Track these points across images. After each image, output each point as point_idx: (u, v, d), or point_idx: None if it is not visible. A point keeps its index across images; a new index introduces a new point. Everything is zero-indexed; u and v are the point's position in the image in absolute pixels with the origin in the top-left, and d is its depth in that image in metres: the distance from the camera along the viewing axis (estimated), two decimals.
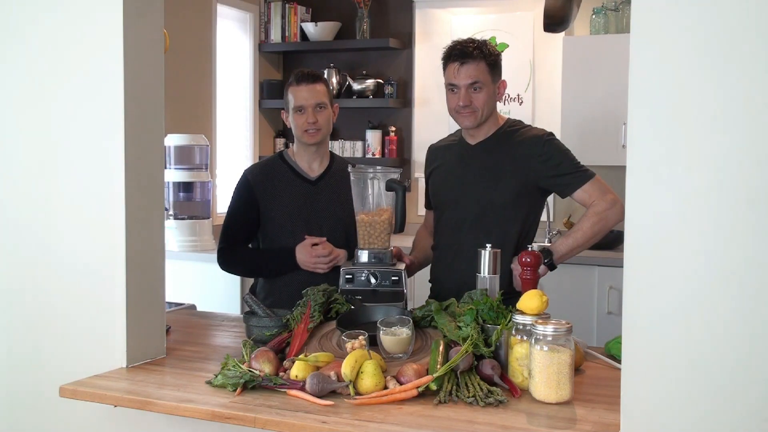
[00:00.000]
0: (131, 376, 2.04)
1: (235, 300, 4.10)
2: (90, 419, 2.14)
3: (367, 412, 1.74)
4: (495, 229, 2.49)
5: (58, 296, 2.21)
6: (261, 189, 2.76)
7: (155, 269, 2.21)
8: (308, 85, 2.72)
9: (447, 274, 2.63)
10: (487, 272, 2.21)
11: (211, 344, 2.42)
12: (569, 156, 2.54)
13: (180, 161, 4.33)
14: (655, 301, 1.54)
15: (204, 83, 4.80)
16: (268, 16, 5.27)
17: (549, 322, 1.83)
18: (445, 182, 2.67)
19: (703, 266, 1.50)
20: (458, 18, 5.02)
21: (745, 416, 1.47)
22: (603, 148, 4.32)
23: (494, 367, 1.89)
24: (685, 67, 1.50)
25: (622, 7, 4.52)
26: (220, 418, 1.76)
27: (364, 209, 2.51)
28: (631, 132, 1.55)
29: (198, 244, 4.30)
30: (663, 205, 1.52)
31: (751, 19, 1.45)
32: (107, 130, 2.11)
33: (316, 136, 2.73)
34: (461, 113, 2.54)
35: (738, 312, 1.47)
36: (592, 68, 4.40)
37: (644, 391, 1.55)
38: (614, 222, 2.46)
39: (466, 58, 2.50)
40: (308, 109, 2.71)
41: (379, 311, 2.21)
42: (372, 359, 1.87)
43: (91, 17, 2.12)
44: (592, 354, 2.19)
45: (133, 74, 2.10)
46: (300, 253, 2.66)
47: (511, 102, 4.90)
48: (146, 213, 2.16)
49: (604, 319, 4.13)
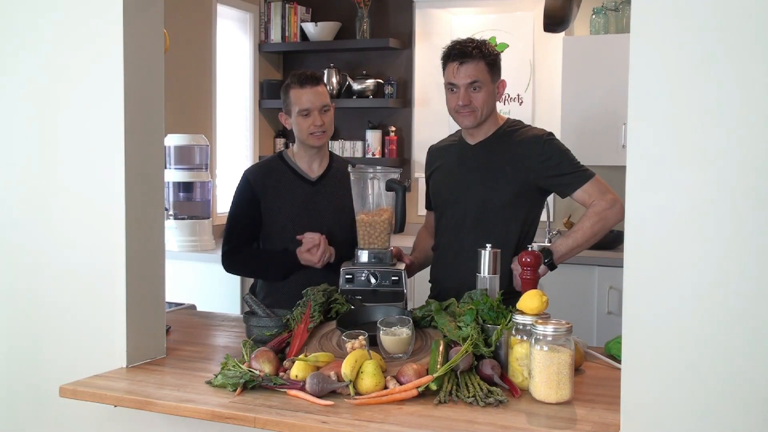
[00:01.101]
0: (131, 376, 2.04)
1: (235, 300, 4.10)
2: (90, 419, 2.14)
3: (367, 412, 1.74)
4: (495, 229, 2.49)
5: (58, 296, 2.21)
6: (261, 189, 2.75)
7: (155, 269, 2.21)
8: (312, 87, 2.71)
9: (447, 274, 2.63)
10: (487, 272, 2.21)
11: (211, 344, 2.42)
12: (569, 156, 2.54)
13: (180, 161, 4.33)
14: (655, 301, 1.54)
15: (204, 83, 4.80)
16: (268, 16, 5.27)
17: (549, 322, 1.83)
18: (445, 182, 2.67)
19: (703, 266, 1.50)
20: (458, 18, 5.02)
21: (745, 416, 1.47)
22: (603, 148, 4.32)
23: (494, 367, 1.89)
24: (684, 67, 1.50)
25: (622, 7, 4.51)
26: (220, 418, 1.76)
27: (364, 209, 2.51)
28: (631, 132, 1.55)
29: (198, 244, 4.29)
30: (663, 205, 1.52)
31: (750, 19, 1.45)
32: (107, 130, 2.11)
33: (323, 138, 2.73)
34: (461, 113, 2.54)
35: (738, 311, 1.47)
36: (592, 68, 4.40)
37: (644, 391, 1.55)
38: (614, 222, 2.46)
39: (466, 57, 2.50)
40: (314, 112, 2.70)
41: (379, 311, 2.21)
42: (372, 359, 1.87)
43: (91, 17, 2.12)
44: (592, 354, 2.19)
45: (133, 74, 2.11)
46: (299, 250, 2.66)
47: (511, 102, 4.90)
48: (146, 213, 2.16)
49: (604, 319, 4.12)
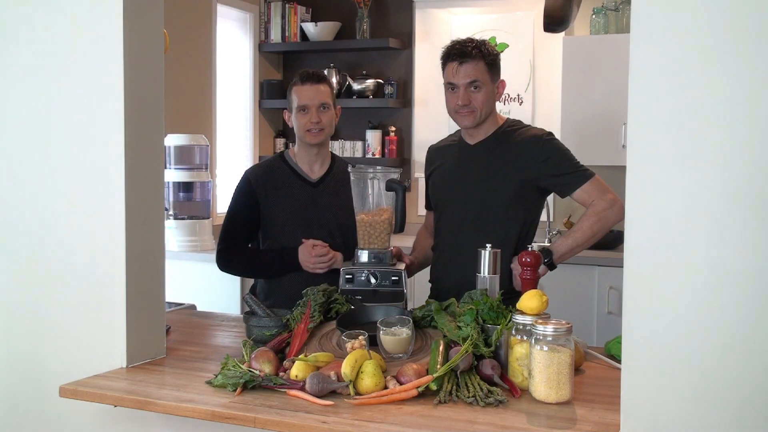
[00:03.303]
0: (131, 376, 2.04)
1: (235, 300, 4.10)
2: (90, 419, 2.14)
3: (367, 412, 1.74)
4: (495, 229, 2.49)
5: (58, 296, 2.21)
6: (262, 190, 2.75)
7: (155, 269, 2.21)
8: (312, 84, 2.72)
9: (447, 274, 2.62)
10: (487, 272, 2.21)
11: (211, 344, 2.42)
12: (569, 156, 2.54)
13: (180, 161, 4.33)
14: (655, 301, 1.54)
15: (204, 83, 4.80)
16: (268, 16, 5.27)
17: (549, 322, 1.83)
18: (445, 182, 2.67)
19: (703, 266, 1.50)
20: (458, 18, 5.02)
21: (745, 416, 1.47)
22: (603, 148, 4.32)
23: (494, 367, 1.89)
24: (684, 67, 1.50)
25: (622, 7, 4.51)
26: (220, 418, 1.76)
27: (364, 209, 2.51)
28: (631, 132, 1.55)
29: (198, 244, 4.30)
30: (663, 205, 1.52)
31: (750, 19, 1.45)
32: (107, 130, 2.11)
33: (319, 136, 2.73)
34: (460, 113, 2.54)
35: (738, 312, 1.47)
36: (592, 68, 4.40)
37: (644, 391, 1.55)
38: (614, 222, 2.46)
39: (465, 57, 2.50)
40: (312, 109, 2.70)
41: (379, 311, 2.21)
42: (372, 359, 1.87)
43: (90, 17, 2.12)
44: (592, 354, 2.19)
45: (133, 74, 2.10)
46: (301, 254, 2.66)
47: (511, 102, 4.90)
48: (146, 213, 2.16)
49: (604, 319, 4.12)
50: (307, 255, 2.65)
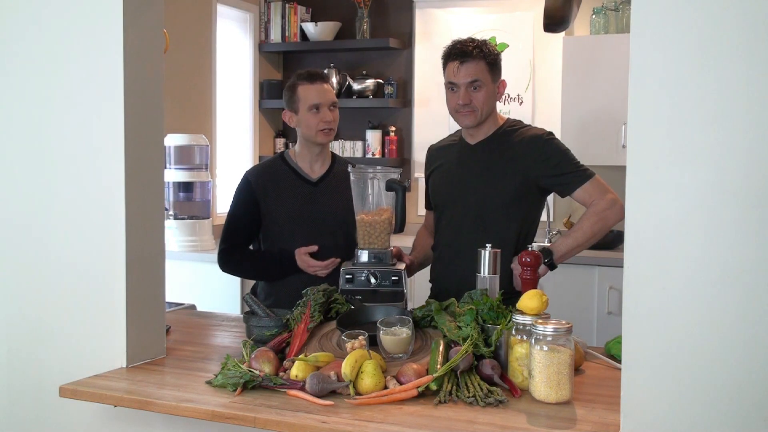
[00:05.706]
0: (131, 376, 2.04)
1: (235, 300, 4.11)
2: (90, 419, 2.14)
3: (367, 412, 1.74)
4: (495, 228, 2.49)
5: (58, 296, 2.21)
6: (262, 190, 2.75)
7: (155, 269, 2.21)
8: (322, 83, 2.72)
9: (447, 274, 2.62)
10: (487, 272, 2.21)
11: (211, 344, 2.42)
12: (569, 155, 2.54)
13: (180, 161, 4.33)
14: (655, 301, 1.54)
15: (204, 83, 4.80)
16: (268, 16, 5.27)
17: (549, 322, 1.83)
18: (445, 182, 2.67)
19: (703, 266, 1.50)
20: (458, 18, 5.02)
21: (745, 416, 1.47)
22: (603, 148, 4.32)
23: (494, 367, 1.89)
24: (684, 67, 1.50)
25: (622, 7, 4.52)
26: (220, 418, 1.76)
27: (364, 209, 2.51)
28: (631, 132, 1.55)
29: (198, 244, 4.30)
30: (663, 205, 1.52)
31: (750, 18, 1.45)
32: (107, 129, 2.11)
33: (330, 135, 2.74)
34: (461, 112, 2.54)
35: (738, 311, 1.48)
36: (592, 68, 4.40)
37: (644, 391, 1.55)
38: (614, 221, 2.46)
39: (466, 57, 2.50)
40: (324, 108, 2.70)
41: (379, 311, 2.21)
42: (372, 359, 1.87)
43: (91, 17, 2.12)
44: (592, 354, 2.19)
45: (133, 74, 2.10)
46: (298, 259, 2.67)
47: (511, 102, 4.90)
48: (146, 213, 2.16)
49: (604, 319, 4.12)
50: (304, 264, 2.66)
